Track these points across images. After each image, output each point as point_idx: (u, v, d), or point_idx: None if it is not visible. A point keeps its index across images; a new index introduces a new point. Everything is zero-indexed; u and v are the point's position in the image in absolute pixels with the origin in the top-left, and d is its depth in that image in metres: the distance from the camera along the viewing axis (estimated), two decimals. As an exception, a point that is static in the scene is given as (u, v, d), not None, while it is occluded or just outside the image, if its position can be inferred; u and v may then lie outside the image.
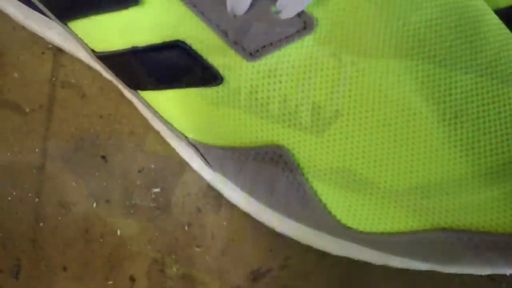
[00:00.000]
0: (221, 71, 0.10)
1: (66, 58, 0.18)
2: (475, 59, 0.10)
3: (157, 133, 0.16)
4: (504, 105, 0.11)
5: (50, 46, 0.18)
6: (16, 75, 0.17)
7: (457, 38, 0.10)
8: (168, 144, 0.16)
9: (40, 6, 0.12)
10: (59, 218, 0.15)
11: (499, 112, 0.10)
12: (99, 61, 0.12)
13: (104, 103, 0.17)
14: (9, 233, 0.15)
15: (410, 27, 0.10)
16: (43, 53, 0.18)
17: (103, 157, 0.16)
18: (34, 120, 0.16)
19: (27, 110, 0.16)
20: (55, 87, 0.17)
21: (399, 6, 0.10)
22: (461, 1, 0.10)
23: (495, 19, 0.11)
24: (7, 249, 0.15)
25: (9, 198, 0.15)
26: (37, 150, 0.16)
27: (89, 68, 0.17)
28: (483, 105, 0.10)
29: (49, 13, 0.12)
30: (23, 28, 0.18)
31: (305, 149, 0.10)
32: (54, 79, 0.17)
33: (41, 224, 0.15)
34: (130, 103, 0.17)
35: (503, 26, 0.12)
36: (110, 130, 0.16)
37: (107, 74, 0.15)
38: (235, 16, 0.09)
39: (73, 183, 0.15)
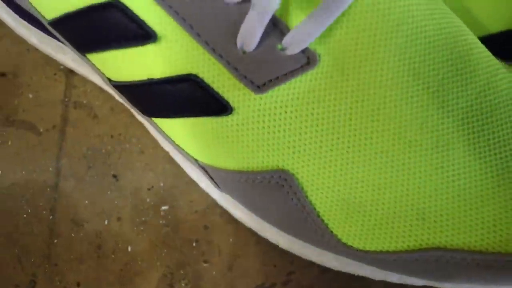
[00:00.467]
0: (231, 102, 0.11)
1: (78, 79, 0.18)
2: (466, 90, 0.11)
3: (165, 152, 0.17)
4: (493, 133, 0.11)
5: (62, 67, 0.18)
6: (30, 95, 0.18)
7: (448, 71, 0.11)
8: (176, 164, 0.16)
9: (59, 36, 0.13)
10: (73, 234, 0.15)
11: (488, 139, 0.11)
12: (114, 89, 0.13)
13: (114, 123, 0.17)
14: (25, 249, 0.15)
15: (405, 62, 0.11)
16: (55, 74, 0.18)
17: (114, 176, 0.16)
18: (48, 139, 0.17)
19: (41, 130, 0.17)
20: (68, 108, 0.18)
21: (395, 44, 0.10)
22: (452, 36, 0.11)
23: (484, 52, 0.12)
24: (23, 265, 0.15)
25: (25, 215, 0.16)
26: (51, 169, 0.16)
27: (100, 89, 0.18)
28: (473, 133, 0.11)
29: (67, 43, 0.13)
30: (36, 49, 0.18)
31: (308, 174, 0.11)
32: (66, 99, 0.18)
33: (55, 240, 0.15)
34: (139, 123, 0.17)
35: (491, 57, 0.13)
36: (121, 149, 0.17)
37: (119, 97, 0.16)
38: (244, 52, 0.10)
39: (86, 201, 0.16)
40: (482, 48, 0.12)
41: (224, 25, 0.10)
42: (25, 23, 0.16)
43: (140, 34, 0.10)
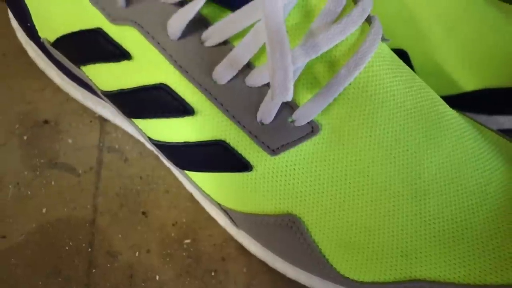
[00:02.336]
0: (251, 162, 0.13)
1: (110, 126, 0.21)
2: (438, 150, 0.14)
3: (187, 192, 0.19)
4: (462, 184, 0.14)
5: (96, 115, 0.21)
6: (70, 141, 0.21)
7: (423, 136, 0.14)
8: (197, 202, 0.19)
9: (106, 100, 0.16)
10: (108, 265, 0.18)
11: (457, 191, 0.14)
12: (153, 146, 0.15)
13: (143, 166, 0.20)
14: (67, 279, 0.17)
15: (389, 130, 0.13)
16: (91, 121, 0.21)
17: (143, 212, 0.19)
18: (85, 180, 0.20)
19: (80, 172, 0.20)
20: (102, 152, 0.21)
21: (380, 117, 0.13)
22: (426, 108, 0.14)
23: (454, 117, 0.15)
24: (65, 292, 0.18)
25: (67, 248, 0.18)
26: (88, 206, 0.19)
27: (130, 135, 0.21)
28: (445, 185, 0.14)
29: (114, 107, 0.16)
30: (74, 99, 0.21)
31: (312, 218, 0.14)
32: (101, 144, 0.21)
33: (94, 270, 0.18)
34: (164, 166, 0.20)
35: (461, 120, 0.15)
36: (149, 189, 0.19)
37: (147, 144, 0.19)
38: (262, 124, 0.13)
39: (119, 235, 0.18)
40: (452, 114, 0.15)
41: (247, 103, 0.13)
42: (73, 82, 0.19)
43: (181, 109, 0.13)
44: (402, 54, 0.20)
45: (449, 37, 0.20)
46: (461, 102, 0.20)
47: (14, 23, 0.20)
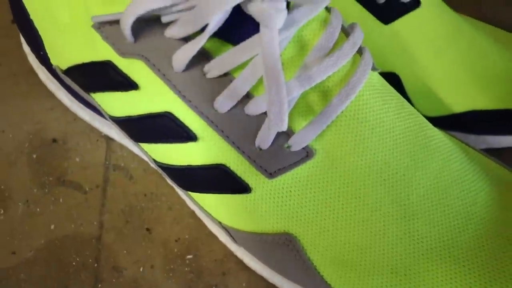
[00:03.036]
0: (250, 184, 0.14)
1: (116, 145, 0.22)
2: (425, 173, 0.15)
3: (190, 209, 0.20)
4: (448, 205, 0.15)
5: (103, 134, 0.22)
6: (77, 159, 0.21)
7: (411, 160, 0.15)
8: (199, 219, 0.20)
9: (115, 125, 0.17)
10: (114, 280, 0.18)
11: (444, 211, 0.15)
12: (158, 167, 0.16)
13: (147, 183, 0.21)
14: (74, 293, 0.18)
15: (378, 155, 0.14)
16: (97, 140, 0.22)
17: (148, 229, 0.20)
18: (92, 197, 0.20)
19: (87, 189, 0.21)
20: (108, 170, 0.21)
21: (371, 142, 0.14)
22: (414, 133, 0.15)
23: (441, 141, 0.16)
24: (72, 306, 0.18)
25: (74, 263, 0.19)
26: (95, 223, 0.20)
27: (134, 153, 0.22)
28: (432, 206, 0.15)
29: (121, 131, 0.17)
30: (81, 118, 0.22)
31: (308, 237, 0.15)
32: (107, 162, 0.22)
33: (100, 285, 0.18)
34: (168, 184, 0.21)
35: (447, 143, 0.16)
36: (153, 206, 0.20)
37: (153, 164, 0.20)
38: (260, 149, 0.14)
39: (124, 251, 0.19)
40: (439, 137, 0.16)
41: (246, 130, 0.14)
42: (81, 105, 0.20)
43: (184, 135, 0.14)
44: (394, 77, 0.21)
45: (438, 61, 0.21)
46: (451, 122, 0.21)
47: (26, 48, 0.21)
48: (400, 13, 0.19)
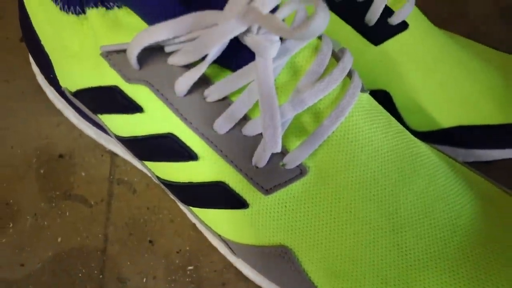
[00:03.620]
0: (248, 200, 0.15)
1: (119, 159, 0.23)
2: (412, 189, 0.16)
3: (191, 221, 0.21)
4: (434, 218, 0.16)
5: (107, 149, 0.23)
6: (83, 174, 0.22)
7: (399, 176, 0.16)
8: (200, 231, 0.21)
9: (120, 145, 0.18)
10: (118, 291, 0.19)
11: (430, 224, 0.16)
12: (161, 184, 0.17)
13: (150, 197, 0.22)
14: (81, 303, 0.19)
15: (367, 172, 0.15)
16: (102, 155, 0.23)
17: (150, 241, 0.21)
18: (97, 211, 0.21)
19: (92, 203, 0.21)
20: (113, 184, 0.22)
21: (359, 160, 0.15)
22: (401, 151, 0.16)
23: (427, 157, 0.17)
24: (79, 316, 0.19)
25: (80, 275, 0.20)
26: (100, 235, 0.21)
27: (137, 168, 0.23)
28: (419, 219, 0.16)
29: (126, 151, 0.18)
30: (87, 134, 0.23)
31: (302, 249, 0.16)
32: (111, 177, 0.22)
33: (105, 295, 0.19)
34: (170, 197, 0.22)
35: (435, 160, 0.17)
36: (155, 219, 0.21)
37: (155, 179, 0.21)
38: (257, 167, 0.15)
39: (128, 262, 0.20)
40: (426, 154, 0.17)
41: (243, 150, 0.15)
42: (88, 123, 0.21)
43: (186, 155, 0.15)
44: (385, 95, 0.22)
45: (427, 79, 0.22)
46: (440, 137, 0.22)
47: (35, 68, 0.22)
48: (389, 34, 0.20)
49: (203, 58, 0.14)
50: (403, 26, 0.20)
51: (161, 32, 0.13)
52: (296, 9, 0.13)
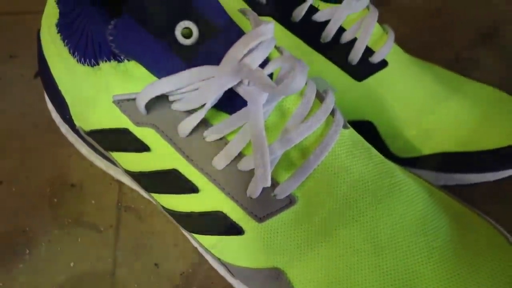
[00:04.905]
0: (243, 228, 0.17)
1: (126, 187, 0.25)
2: (391, 214, 0.18)
3: (193, 245, 0.23)
4: (412, 241, 0.17)
5: (115, 178, 0.25)
6: (93, 201, 0.24)
7: (378, 204, 0.17)
8: (201, 255, 0.22)
9: (127, 176, 0.20)
10: (126, 311, 0.21)
11: (409, 246, 0.17)
12: (164, 211, 0.19)
13: (155, 223, 0.24)
14: (92, 324, 0.21)
15: (348, 199, 0.17)
16: (110, 184, 0.25)
17: (156, 264, 0.22)
18: (107, 236, 0.23)
19: (102, 229, 0.23)
20: (120, 211, 0.24)
21: (341, 190, 0.17)
22: (381, 181, 0.18)
23: (407, 186, 0.19)
24: (90, 336, 0.21)
25: (91, 297, 0.21)
26: (109, 259, 0.22)
27: (143, 196, 0.24)
28: (398, 242, 0.17)
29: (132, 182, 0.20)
30: (96, 165, 0.25)
31: (293, 271, 0.17)
32: (119, 204, 0.24)
33: (114, 316, 0.21)
34: (173, 222, 0.23)
35: (413, 187, 0.19)
36: (160, 243, 0.23)
37: (159, 207, 0.22)
38: (251, 198, 0.17)
39: (135, 285, 0.21)
40: (405, 182, 0.19)
41: (239, 183, 0.17)
42: (98, 156, 0.23)
43: (188, 188, 0.17)
44: (369, 125, 0.24)
45: (407, 109, 0.24)
46: (422, 163, 0.24)
47: (50, 105, 0.25)
48: (371, 71, 0.23)
49: (203, 105, 0.16)
50: (383, 64, 0.23)
51: (166, 85, 0.15)
52: (281, 66, 0.15)
